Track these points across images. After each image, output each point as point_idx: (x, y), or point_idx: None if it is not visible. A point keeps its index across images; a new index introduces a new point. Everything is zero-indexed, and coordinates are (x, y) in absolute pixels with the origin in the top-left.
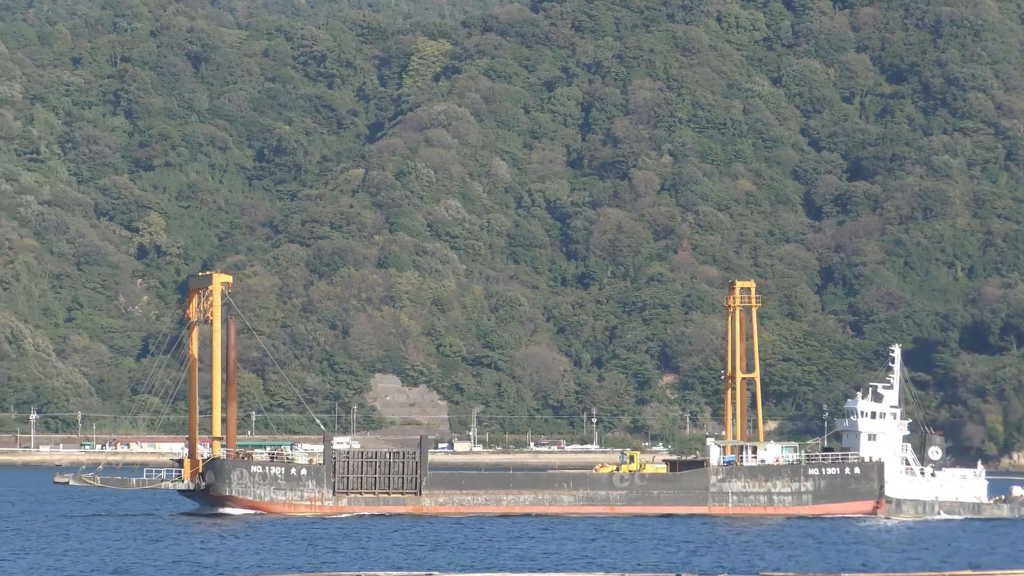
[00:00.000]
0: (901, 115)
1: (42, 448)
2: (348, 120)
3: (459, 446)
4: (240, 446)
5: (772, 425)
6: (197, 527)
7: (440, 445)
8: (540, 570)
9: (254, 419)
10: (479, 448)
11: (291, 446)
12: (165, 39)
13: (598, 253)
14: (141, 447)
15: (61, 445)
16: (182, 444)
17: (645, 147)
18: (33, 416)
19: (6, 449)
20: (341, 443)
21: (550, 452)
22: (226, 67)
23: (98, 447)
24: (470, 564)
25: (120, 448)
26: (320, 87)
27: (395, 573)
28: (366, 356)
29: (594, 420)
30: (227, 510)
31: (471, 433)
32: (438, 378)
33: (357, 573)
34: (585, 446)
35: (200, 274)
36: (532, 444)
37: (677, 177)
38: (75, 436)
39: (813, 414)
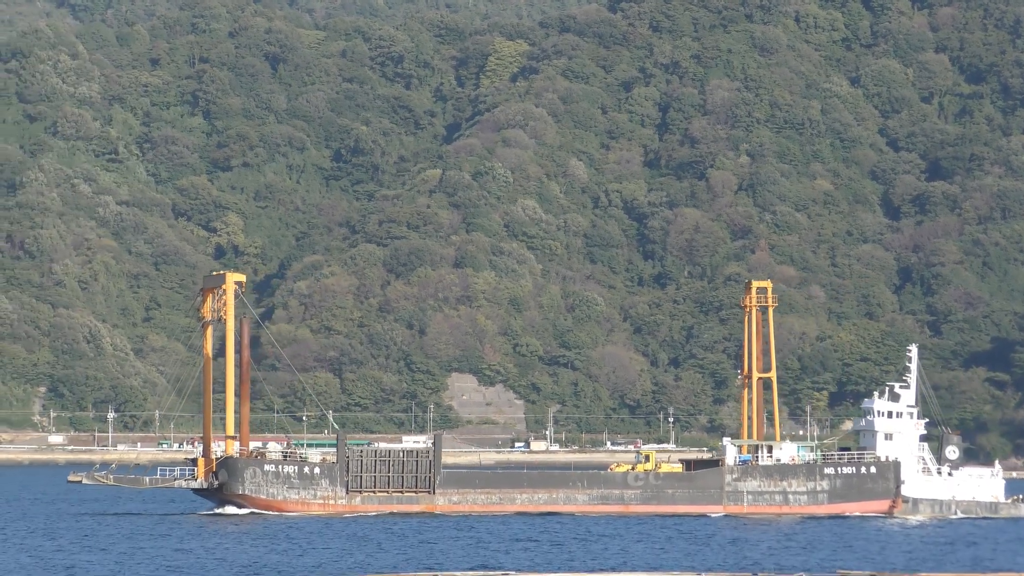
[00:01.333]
0: (980, 115)
1: (120, 447)
2: (425, 121)
3: (535, 445)
4: (309, 444)
5: (849, 425)
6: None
7: (516, 444)
8: (611, 569)
9: (331, 418)
10: (555, 447)
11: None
12: (243, 40)
13: (675, 253)
14: (219, 445)
15: (139, 444)
16: (266, 441)
17: (723, 147)
18: (111, 415)
19: (84, 448)
20: (417, 442)
21: (627, 451)
22: (304, 68)
23: (175, 445)
24: (542, 564)
25: (197, 446)
26: (398, 88)
27: (472, 573)
28: (443, 356)
29: (671, 419)
30: (239, 509)
31: (547, 432)
32: (515, 377)
33: (434, 573)
34: (662, 445)
35: (214, 273)
36: (608, 443)
37: (755, 177)
38: (153, 435)
39: None
